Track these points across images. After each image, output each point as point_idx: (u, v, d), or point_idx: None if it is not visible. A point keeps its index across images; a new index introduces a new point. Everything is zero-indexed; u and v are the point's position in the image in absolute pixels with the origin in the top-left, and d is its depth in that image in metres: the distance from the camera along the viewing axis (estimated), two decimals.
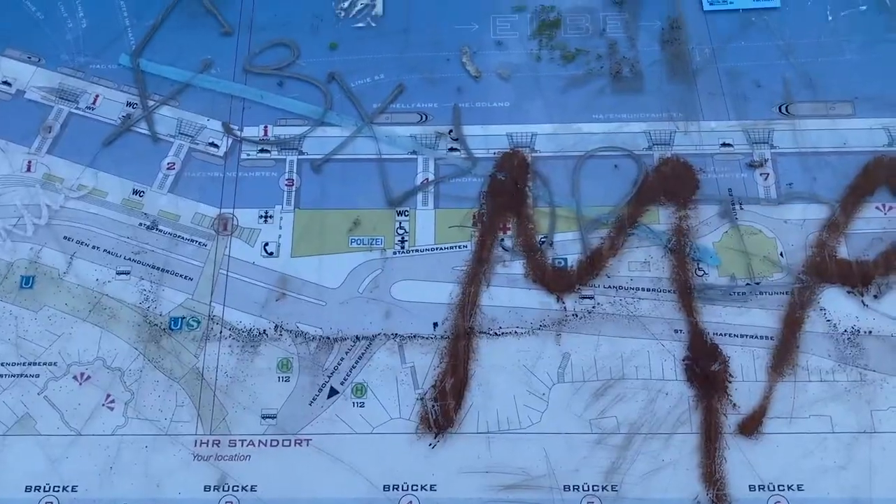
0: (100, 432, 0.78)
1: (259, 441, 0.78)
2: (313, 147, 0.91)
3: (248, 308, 0.83)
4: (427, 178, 0.89)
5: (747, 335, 0.81)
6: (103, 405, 0.79)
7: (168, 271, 0.85)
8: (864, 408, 0.77)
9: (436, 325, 0.82)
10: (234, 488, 0.76)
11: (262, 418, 0.78)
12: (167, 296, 0.84)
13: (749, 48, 0.94)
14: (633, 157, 0.89)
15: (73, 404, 0.79)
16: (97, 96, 0.93)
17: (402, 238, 0.86)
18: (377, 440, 0.77)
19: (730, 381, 0.79)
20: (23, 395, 0.80)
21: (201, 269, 0.85)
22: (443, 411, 0.78)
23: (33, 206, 0.88)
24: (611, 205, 0.87)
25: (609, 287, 0.83)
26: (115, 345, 0.82)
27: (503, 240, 0.86)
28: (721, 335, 0.81)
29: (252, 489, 0.76)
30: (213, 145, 0.91)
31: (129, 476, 0.76)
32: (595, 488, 0.75)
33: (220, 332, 0.82)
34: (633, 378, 0.79)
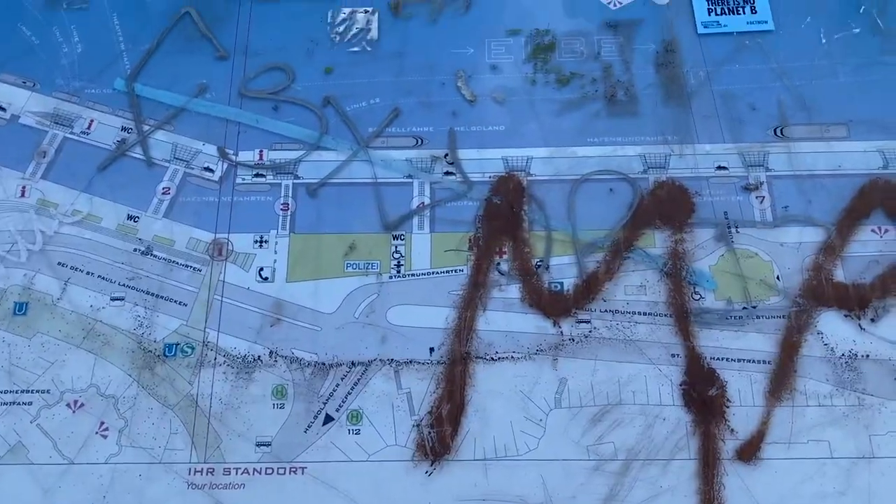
0: (93, 461, 0.77)
1: (254, 469, 0.77)
2: (309, 171, 0.91)
3: (243, 334, 0.83)
4: (423, 202, 0.89)
5: (745, 359, 0.80)
6: (97, 433, 0.79)
7: (162, 297, 0.84)
8: (863, 432, 0.77)
9: (432, 350, 0.82)
10: None
11: (257, 446, 0.78)
12: (161, 322, 0.83)
13: (743, 71, 0.95)
14: (628, 180, 0.89)
15: (67, 432, 0.79)
16: (92, 121, 0.93)
17: (398, 262, 0.86)
18: (373, 468, 0.77)
19: (727, 406, 0.78)
20: (15, 423, 0.79)
21: (196, 295, 0.84)
22: (439, 438, 0.78)
23: (27, 232, 0.87)
24: (606, 228, 0.87)
25: (605, 311, 0.83)
26: (109, 372, 0.81)
27: (499, 264, 0.86)
28: (718, 359, 0.80)
29: None
30: (208, 170, 0.91)
31: None
32: None
33: (215, 359, 0.81)
34: (630, 403, 0.79)
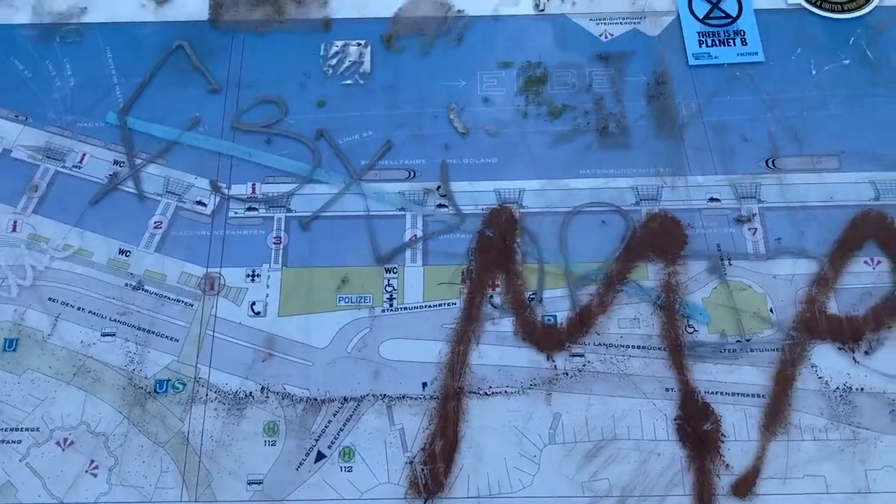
0: (83, 500, 0.76)
1: None
2: (301, 204, 0.91)
3: (235, 369, 0.82)
4: (415, 235, 0.89)
5: (739, 393, 0.80)
6: (87, 471, 0.78)
7: (154, 332, 0.84)
8: (859, 467, 0.76)
9: (425, 385, 0.81)
10: None
11: (248, 484, 0.77)
12: (153, 358, 0.83)
13: (735, 102, 0.95)
14: (620, 212, 0.89)
15: (56, 471, 0.78)
16: (84, 155, 0.93)
17: (391, 296, 0.86)
18: None
19: (722, 441, 0.78)
20: (4, 462, 0.78)
21: (187, 330, 0.84)
22: (432, 475, 0.77)
23: (18, 267, 0.87)
24: (599, 261, 0.87)
25: (599, 345, 0.83)
26: (100, 409, 0.80)
27: (492, 297, 0.85)
28: (712, 393, 0.80)
29: None
30: (200, 203, 0.91)
31: None
32: None
33: (206, 395, 0.81)
34: (624, 438, 0.78)
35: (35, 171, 0.92)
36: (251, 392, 0.81)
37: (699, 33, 0.99)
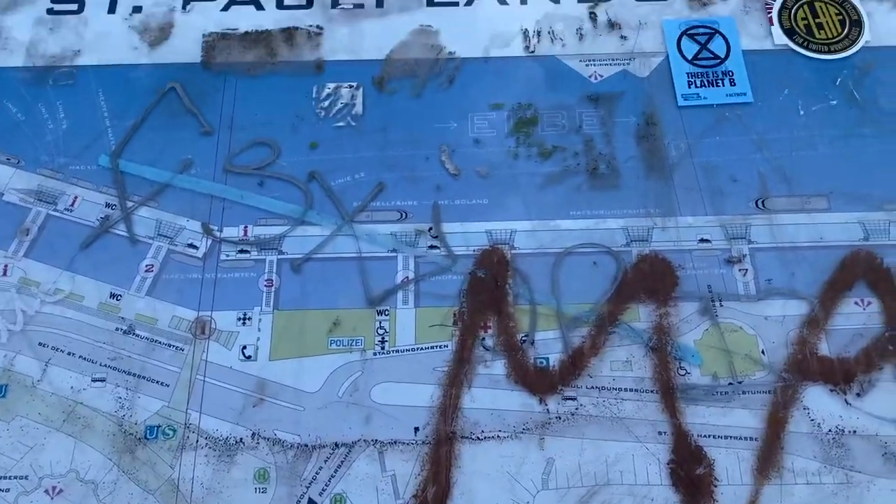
0: None
1: None
2: (293, 246, 0.91)
3: (225, 415, 0.82)
4: (407, 277, 0.89)
5: (731, 436, 0.80)
6: None
7: (144, 377, 0.83)
8: None
9: (417, 429, 0.81)
10: None
11: None
12: (143, 403, 0.82)
13: (724, 143, 0.96)
14: (611, 253, 0.90)
15: None
16: (76, 198, 0.93)
17: (383, 338, 0.85)
18: None
19: (715, 486, 0.78)
20: None
21: (178, 375, 0.84)
22: None
23: (8, 312, 0.87)
24: (591, 302, 0.87)
25: (592, 387, 0.83)
26: (89, 456, 0.80)
27: (484, 339, 0.85)
28: (705, 437, 0.80)
29: None
30: (192, 246, 0.91)
31: None
32: None
33: (197, 441, 0.80)
34: (618, 483, 0.78)
35: (27, 215, 0.92)
36: (242, 438, 0.80)
37: (688, 74, 1.00)
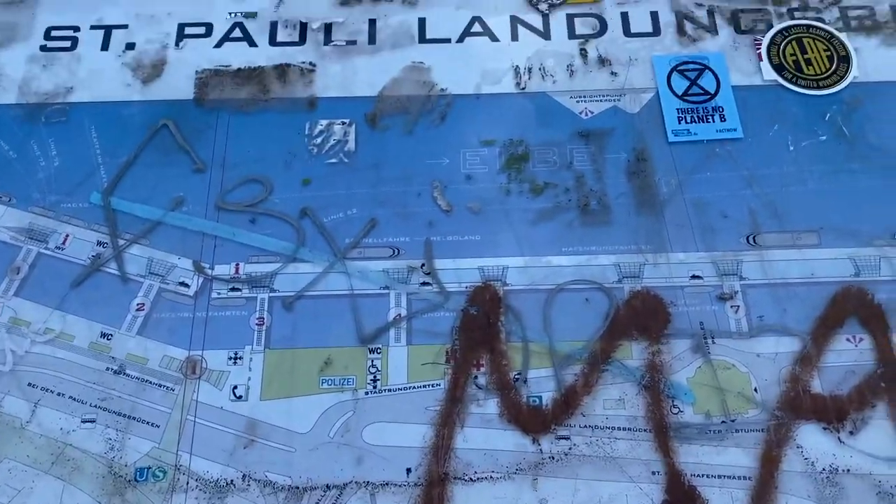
0: None
1: None
2: (285, 284, 0.91)
3: (216, 456, 0.81)
4: (399, 314, 0.89)
5: (725, 476, 0.79)
6: None
7: (134, 418, 0.83)
8: None
9: (409, 471, 0.80)
10: None
11: None
12: (133, 444, 0.82)
13: (714, 178, 0.96)
14: (603, 290, 0.90)
15: None
16: (67, 236, 0.93)
17: (374, 377, 0.85)
18: None
19: None
20: None
21: (168, 416, 0.83)
22: None
23: None
24: (583, 339, 0.87)
25: (585, 426, 0.82)
26: (78, 499, 0.79)
27: (476, 377, 0.85)
28: (699, 476, 0.79)
29: None
30: (183, 285, 0.90)
31: None
32: None
33: (187, 483, 0.80)
34: None
35: (17, 253, 0.92)
36: (232, 480, 0.80)
37: (678, 110, 1.00)
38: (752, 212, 0.94)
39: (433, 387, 0.85)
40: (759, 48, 1.04)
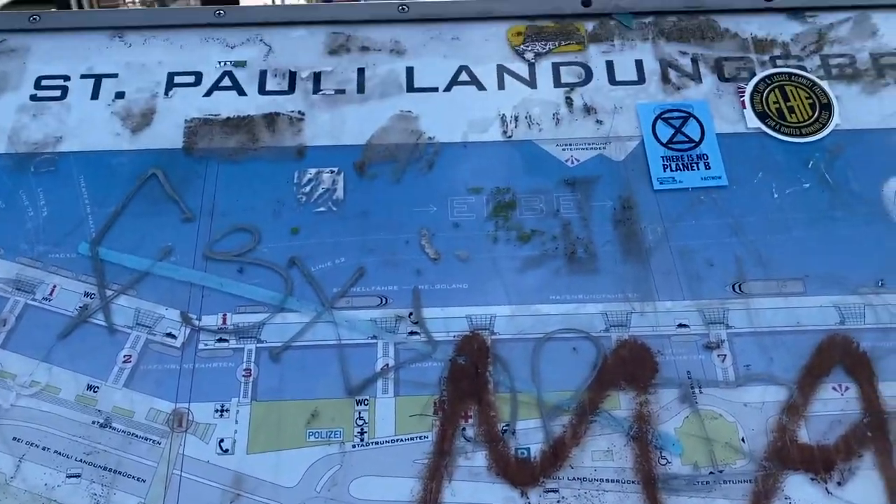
0: None
1: None
2: (272, 334, 0.91)
3: None
4: (387, 364, 0.89)
5: None
6: None
7: (120, 473, 0.82)
8: None
9: None
10: None
11: None
12: (119, 500, 0.81)
13: (700, 226, 0.97)
14: (591, 339, 0.90)
15: None
16: (54, 287, 0.93)
17: (362, 429, 0.85)
18: None
19: None
20: None
21: (154, 470, 0.82)
22: None
23: None
24: (571, 389, 0.87)
25: (573, 479, 0.82)
26: None
27: (465, 429, 0.85)
28: None
29: None
30: (170, 336, 0.90)
31: None
32: None
33: None
34: None
35: (4, 305, 0.92)
36: None
37: (663, 157, 1.02)
38: (737, 259, 0.95)
39: (421, 439, 0.84)
40: (743, 96, 1.06)
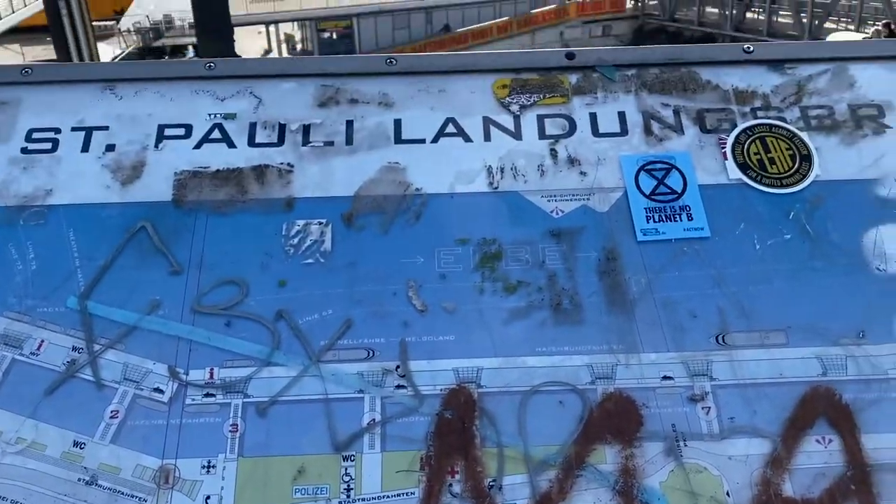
0: None
1: None
2: (259, 388, 0.91)
3: None
4: (374, 419, 0.89)
5: None
6: None
7: None
8: None
9: None
10: None
11: None
12: None
13: (683, 277, 0.98)
14: (577, 391, 0.91)
15: None
16: (42, 341, 0.93)
17: (348, 486, 0.85)
18: None
19: None
20: None
21: None
22: None
23: None
24: (558, 443, 0.87)
25: None
26: None
27: (451, 485, 0.85)
28: None
29: None
30: (158, 391, 0.90)
31: None
32: None
33: None
34: None
35: None
36: None
37: (646, 209, 1.03)
38: (720, 311, 0.96)
39: (408, 495, 0.84)
40: (724, 147, 1.08)
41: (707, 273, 0.99)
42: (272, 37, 18.27)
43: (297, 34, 18.62)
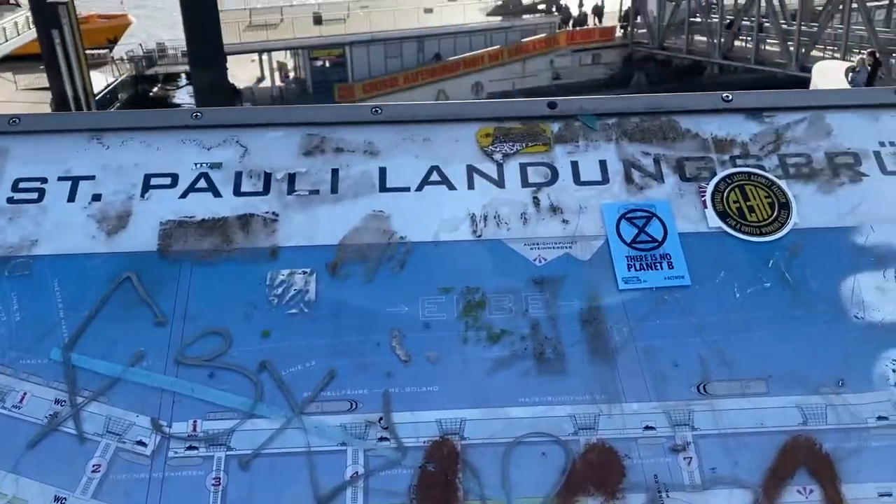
0: None
1: None
2: (242, 441, 0.91)
3: None
4: (356, 472, 0.89)
5: None
6: None
7: None
8: None
9: None
10: None
11: None
12: None
13: (664, 326, 0.99)
14: (560, 442, 0.91)
15: None
16: (25, 394, 0.93)
17: None
18: None
19: None
20: None
21: None
22: None
23: None
24: (541, 496, 0.87)
25: None
26: None
27: None
28: None
29: None
30: (140, 444, 0.90)
31: None
32: None
33: None
34: None
35: None
36: None
37: (627, 257, 1.04)
38: (701, 359, 0.97)
39: None
40: (704, 195, 1.09)
41: (688, 321, 0.99)
42: (265, 65, 18.38)
43: (289, 62, 18.74)
